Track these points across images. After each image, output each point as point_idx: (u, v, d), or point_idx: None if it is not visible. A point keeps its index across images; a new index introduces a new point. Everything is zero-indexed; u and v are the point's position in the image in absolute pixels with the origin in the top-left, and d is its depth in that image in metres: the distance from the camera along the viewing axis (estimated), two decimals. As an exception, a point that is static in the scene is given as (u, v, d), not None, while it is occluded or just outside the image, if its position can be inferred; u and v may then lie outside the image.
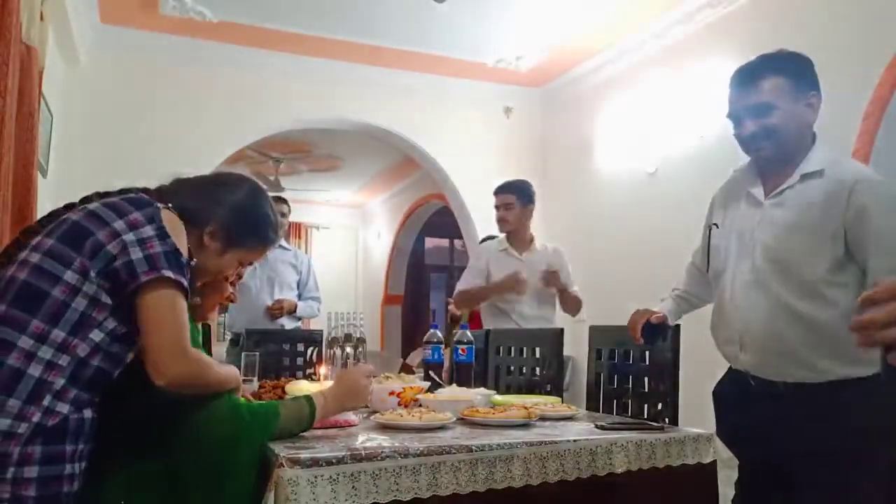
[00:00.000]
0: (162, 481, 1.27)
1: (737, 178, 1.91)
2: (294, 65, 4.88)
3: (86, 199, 1.39)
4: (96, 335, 1.23)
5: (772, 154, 1.77)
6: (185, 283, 1.27)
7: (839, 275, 1.65)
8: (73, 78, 4.27)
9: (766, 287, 1.73)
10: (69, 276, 1.22)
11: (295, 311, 4.05)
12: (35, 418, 1.16)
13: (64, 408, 1.19)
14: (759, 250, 1.76)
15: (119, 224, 1.26)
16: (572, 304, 3.43)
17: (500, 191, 3.49)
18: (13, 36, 2.22)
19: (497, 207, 3.48)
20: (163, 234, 1.27)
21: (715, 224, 1.91)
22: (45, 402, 1.17)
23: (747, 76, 1.78)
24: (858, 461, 1.62)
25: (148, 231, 1.27)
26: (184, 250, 1.30)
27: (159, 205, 1.34)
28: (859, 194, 1.62)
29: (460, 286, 3.52)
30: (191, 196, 1.44)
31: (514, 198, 3.43)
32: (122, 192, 1.42)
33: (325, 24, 4.44)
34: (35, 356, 1.18)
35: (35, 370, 1.17)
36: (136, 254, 1.23)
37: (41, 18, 2.71)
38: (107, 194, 1.41)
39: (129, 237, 1.25)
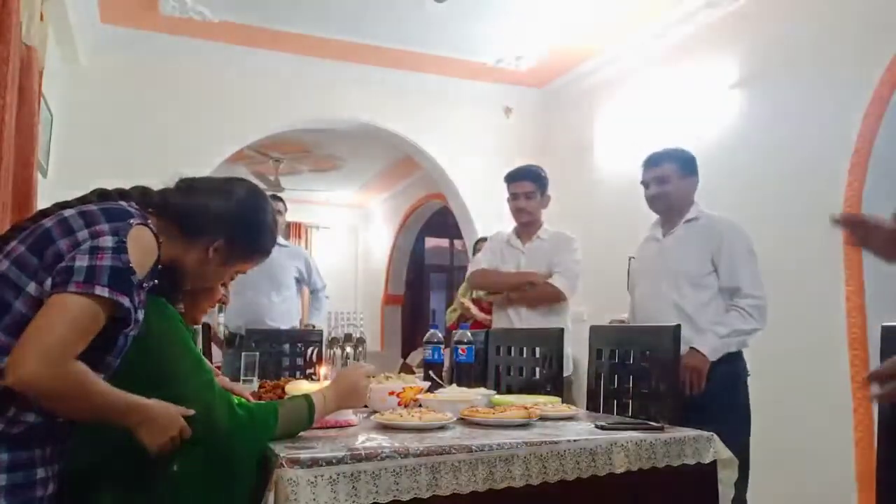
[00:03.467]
0: (162, 483, 1.27)
1: (650, 229, 2.74)
2: (294, 65, 4.87)
3: (83, 199, 1.35)
4: None
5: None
6: (126, 302, 1.17)
7: (708, 278, 2.48)
8: (73, 78, 4.27)
9: (662, 291, 2.51)
10: (32, 287, 1.17)
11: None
12: None
13: (29, 417, 1.15)
14: (658, 268, 2.57)
15: (82, 234, 1.20)
16: (540, 297, 3.01)
17: (518, 178, 3.12)
18: (13, 36, 2.22)
19: (516, 196, 3.11)
20: (119, 249, 1.18)
21: (632, 257, 2.79)
22: (10, 414, 1.13)
23: None
24: (733, 404, 2.38)
25: (107, 241, 1.18)
26: (141, 269, 1.21)
27: (133, 221, 1.24)
28: (722, 232, 2.49)
29: (480, 265, 3.20)
30: (196, 206, 1.39)
31: (534, 186, 3.09)
32: (119, 192, 1.39)
33: (325, 24, 4.44)
34: None
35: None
36: (83, 261, 1.15)
37: (41, 18, 2.71)
38: (106, 193, 1.38)
39: (85, 246, 1.17)
